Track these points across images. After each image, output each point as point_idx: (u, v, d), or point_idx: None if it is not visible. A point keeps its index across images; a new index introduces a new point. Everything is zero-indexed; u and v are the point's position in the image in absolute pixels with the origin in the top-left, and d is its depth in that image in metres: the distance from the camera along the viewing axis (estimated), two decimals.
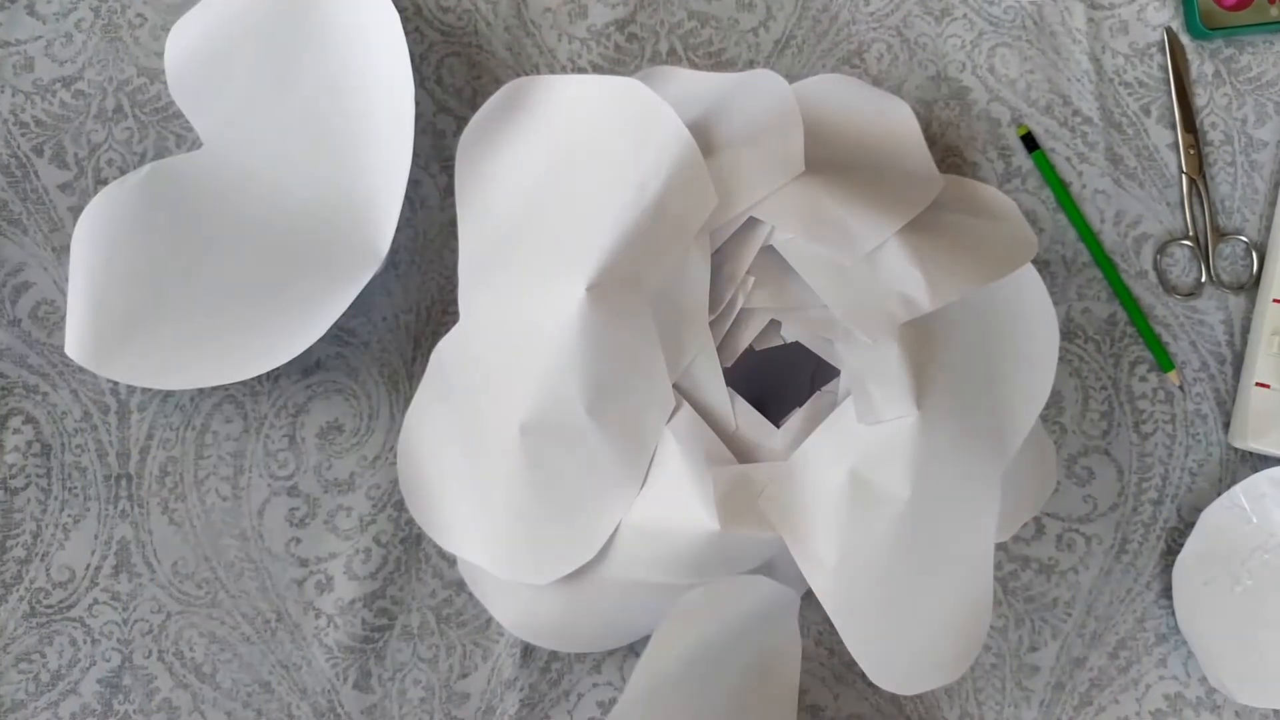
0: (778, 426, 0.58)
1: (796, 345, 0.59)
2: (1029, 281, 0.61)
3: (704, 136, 0.58)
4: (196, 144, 0.67)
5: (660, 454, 0.56)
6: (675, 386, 0.57)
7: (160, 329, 0.63)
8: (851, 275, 0.56)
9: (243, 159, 0.65)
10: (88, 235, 0.64)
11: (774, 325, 0.59)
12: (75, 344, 0.63)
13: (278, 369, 0.65)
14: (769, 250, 0.58)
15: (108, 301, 0.63)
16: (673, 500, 0.55)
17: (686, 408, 0.57)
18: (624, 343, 0.55)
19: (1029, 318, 0.61)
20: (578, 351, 0.55)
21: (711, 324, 0.57)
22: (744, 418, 0.58)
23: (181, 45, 0.65)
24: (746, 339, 0.59)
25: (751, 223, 0.57)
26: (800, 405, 0.59)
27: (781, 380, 0.62)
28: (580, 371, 0.55)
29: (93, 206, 0.64)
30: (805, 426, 0.58)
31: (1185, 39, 0.69)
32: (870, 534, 0.55)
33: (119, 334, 0.63)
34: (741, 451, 0.58)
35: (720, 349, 0.58)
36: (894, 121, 0.64)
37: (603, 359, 0.55)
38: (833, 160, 0.60)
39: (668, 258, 0.56)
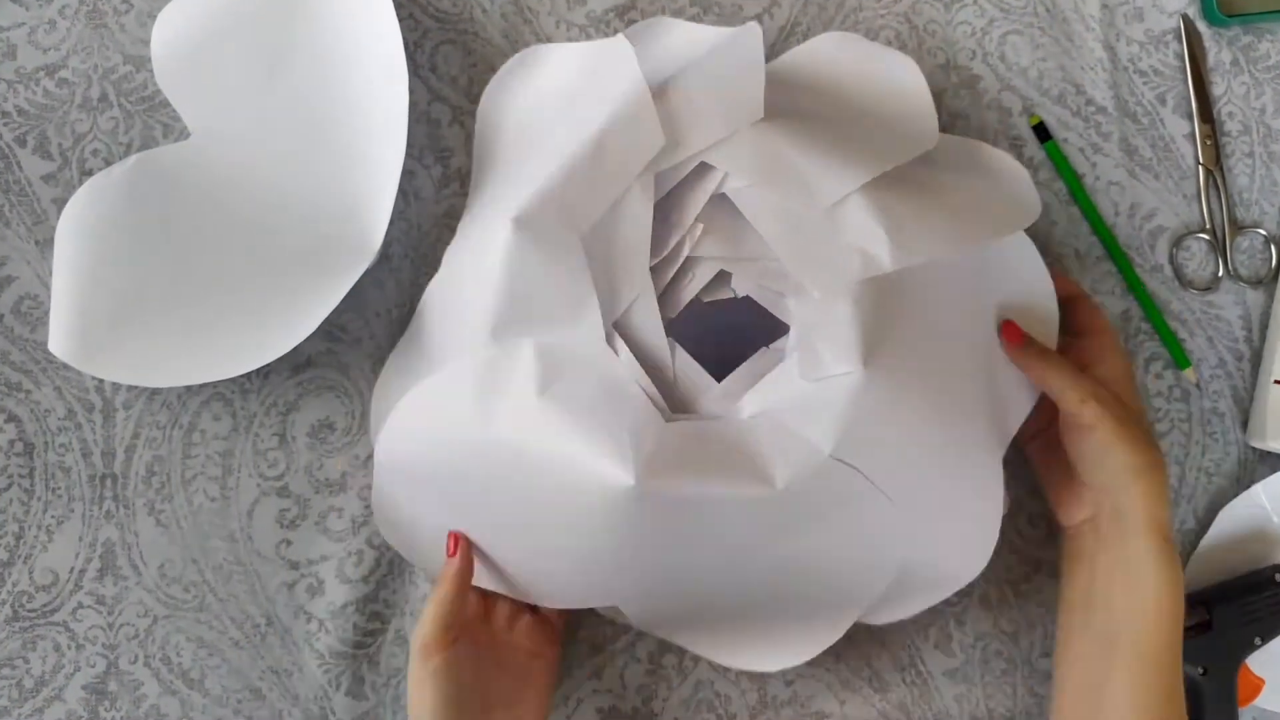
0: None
1: (754, 303, 0.58)
2: (1026, 253, 0.60)
3: (669, 83, 0.57)
4: (184, 134, 0.65)
5: (585, 397, 0.53)
6: (616, 329, 0.55)
7: (146, 325, 0.61)
8: (807, 228, 0.54)
9: (231, 150, 0.64)
10: (72, 228, 0.62)
11: (725, 277, 0.58)
12: (59, 340, 0.61)
13: (267, 366, 0.63)
14: (722, 199, 0.56)
15: (92, 297, 0.61)
16: (584, 456, 0.51)
17: (624, 351, 0.54)
18: (548, 273, 0.54)
19: (1026, 293, 0.59)
20: (498, 277, 0.54)
21: (655, 269, 0.56)
22: (683, 368, 0.56)
23: (169, 32, 0.63)
24: (694, 289, 0.57)
25: (703, 169, 0.56)
26: None
27: (740, 339, 0.60)
28: (493, 295, 0.54)
29: (77, 199, 0.62)
30: (746, 382, 0.56)
31: (1202, 26, 0.67)
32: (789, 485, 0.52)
33: (104, 330, 0.61)
34: (680, 403, 0.56)
35: (665, 297, 0.57)
36: (895, 78, 0.62)
37: (521, 285, 0.53)
38: (805, 110, 0.58)
39: (607, 195, 0.54)
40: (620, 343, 0.55)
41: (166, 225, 0.63)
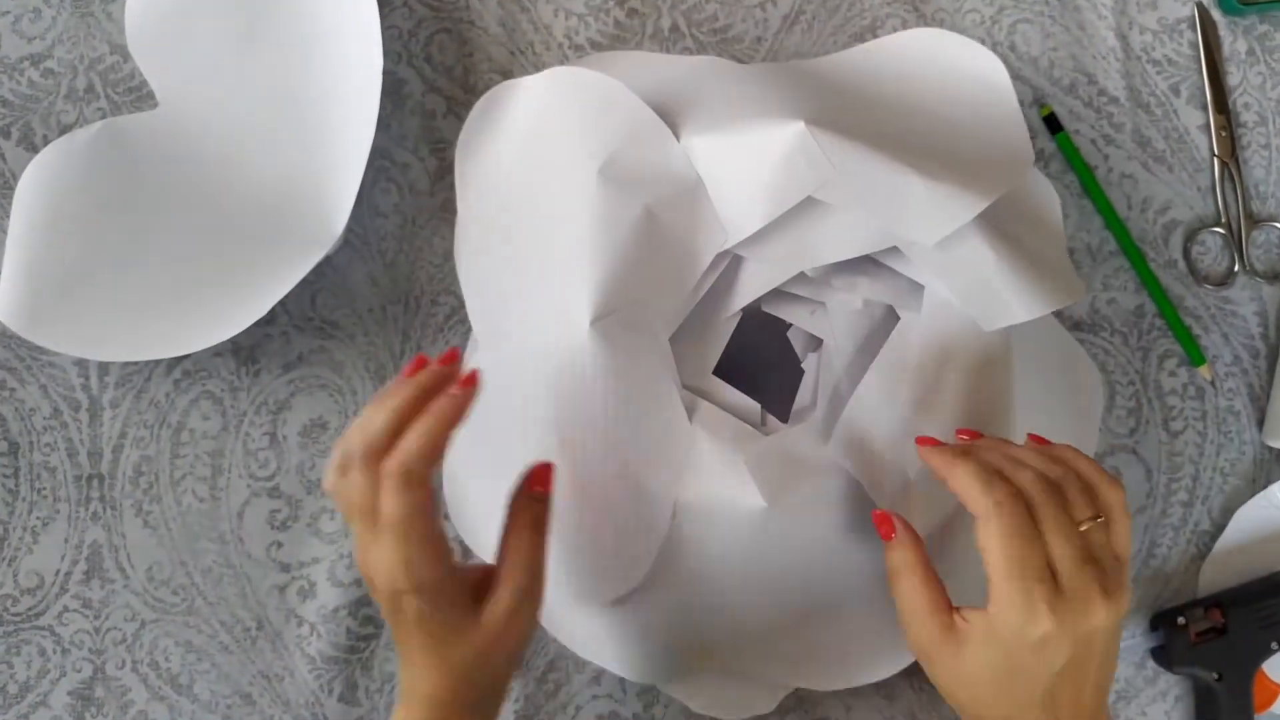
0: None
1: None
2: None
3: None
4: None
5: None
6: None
7: (96, 297, 0.59)
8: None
9: (198, 123, 0.62)
10: (31, 191, 0.60)
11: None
12: (6, 307, 0.59)
13: (257, 364, 0.62)
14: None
15: (45, 263, 0.59)
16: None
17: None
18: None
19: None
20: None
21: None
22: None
23: None
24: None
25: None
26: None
27: (766, 352, 0.60)
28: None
29: (39, 161, 0.60)
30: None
31: (1217, 15, 0.65)
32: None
33: (53, 299, 0.59)
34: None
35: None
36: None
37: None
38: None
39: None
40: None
41: (126, 195, 0.61)
